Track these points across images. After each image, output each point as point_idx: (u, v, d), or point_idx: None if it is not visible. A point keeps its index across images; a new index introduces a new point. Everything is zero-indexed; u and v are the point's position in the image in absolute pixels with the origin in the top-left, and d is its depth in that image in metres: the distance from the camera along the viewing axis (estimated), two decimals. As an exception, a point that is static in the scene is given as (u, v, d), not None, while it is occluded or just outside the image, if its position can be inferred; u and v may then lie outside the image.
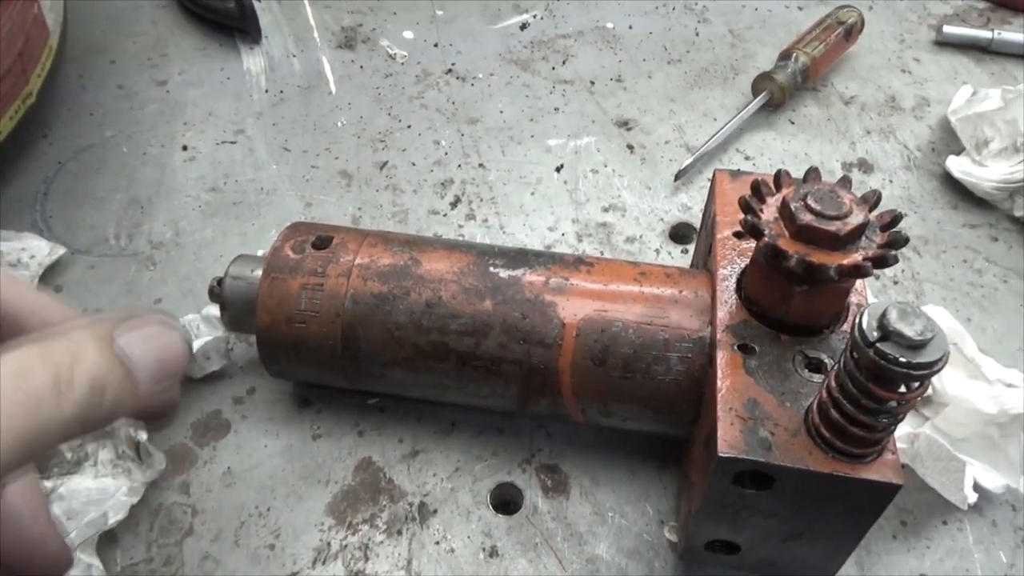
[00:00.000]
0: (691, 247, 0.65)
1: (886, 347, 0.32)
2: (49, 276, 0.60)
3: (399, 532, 0.49)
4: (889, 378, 0.33)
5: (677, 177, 0.69)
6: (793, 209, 0.39)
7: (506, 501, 0.52)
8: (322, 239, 0.50)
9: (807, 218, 0.39)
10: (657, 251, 0.65)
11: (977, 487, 0.49)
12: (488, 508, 0.51)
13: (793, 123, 0.76)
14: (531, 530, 0.50)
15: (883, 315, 0.32)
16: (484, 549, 0.49)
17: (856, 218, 0.39)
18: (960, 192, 0.70)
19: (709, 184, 0.69)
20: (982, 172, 0.69)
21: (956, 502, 0.48)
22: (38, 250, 0.60)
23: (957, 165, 0.70)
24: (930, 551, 0.50)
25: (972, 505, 0.49)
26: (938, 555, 0.50)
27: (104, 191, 0.67)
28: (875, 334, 0.32)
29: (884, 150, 0.74)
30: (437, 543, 0.49)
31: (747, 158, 0.73)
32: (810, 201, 0.39)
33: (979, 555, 0.50)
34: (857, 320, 0.33)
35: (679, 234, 0.67)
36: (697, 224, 0.67)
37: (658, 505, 0.51)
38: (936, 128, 0.76)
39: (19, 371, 0.24)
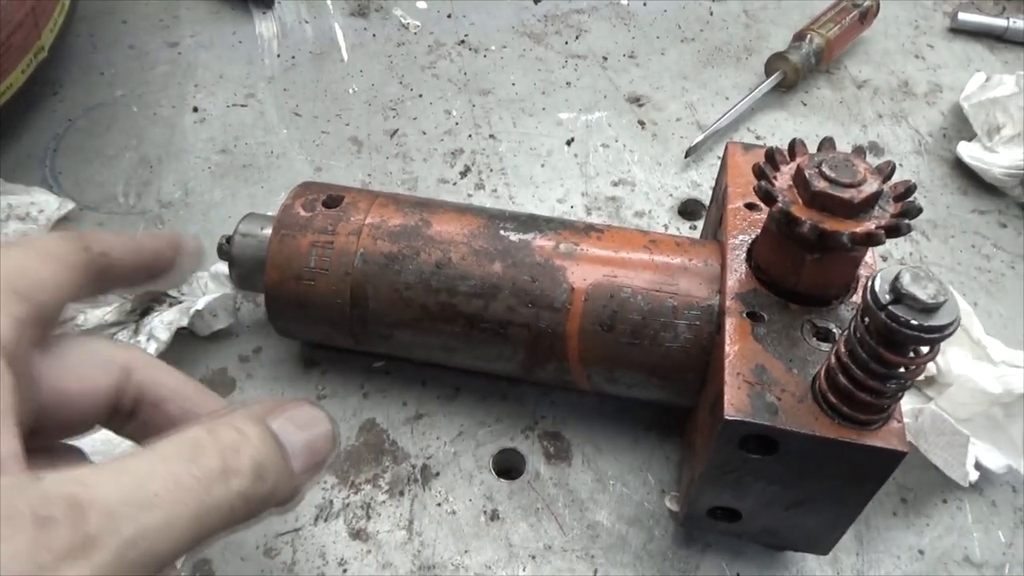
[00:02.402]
0: (699, 223, 0.65)
1: (898, 310, 0.32)
2: (58, 231, 0.60)
3: (401, 493, 0.50)
4: (900, 342, 0.33)
5: (688, 154, 0.69)
6: (808, 176, 0.39)
7: (508, 467, 0.52)
8: (333, 198, 0.50)
9: (821, 185, 0.39)
10: (666, 226, 0.65)
11: (979, 466, 0.49)
12: (490, 472, 0.51)
13: (805, 104, 0.76)
14: (532, 495, 0.50)
15: (896, 278, 0.32)
16: (485, 512, 0.49)
17: (870, 186, 0.39)
18: (970, 178, 0.70)
19: (720, 160, 0.69)
20: (993, 158, 0.69)
21: (957, 479, 0.48)
22: (47, 205, 0.60)
23: (968, 151, 0.70)
24: (929, 528, 0.50)
25: (972, 484, 0.49)
26: (937, 532, 0.50)
27: (114, 149, 0.67)
28: (887, 297, 0.32)
29: (895, 134, 0.74)
30: (439, 504, 0.49)
31: (758, 137, 0.72)
32: (825, 169, 0.39)
33: (978, 534, 0.50)
34: (869, 283, 0.33)
35: (688, 210, 0.67)
36: (706, 201, 0.66)
37: (660, 475, 0.51)
38: (948, 114, 0.76)
39: (191, 454, 0.24)
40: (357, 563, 0.47)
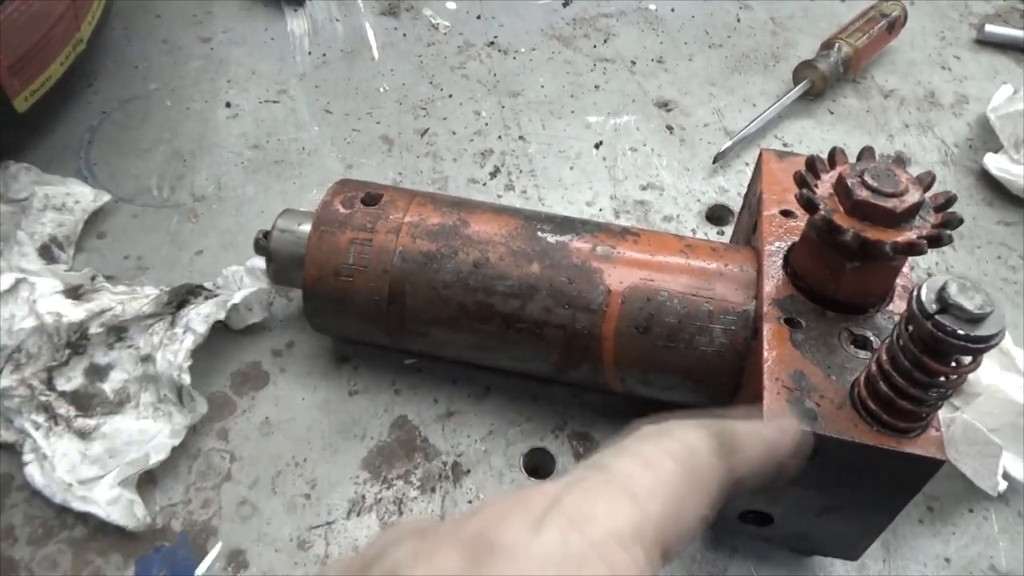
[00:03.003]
0: (727, 229, 0.66)
1: (945, 319, 0.32)
2: (93, 223, 0.61)
3: (433, 489, 0.50)
4: (945, 351, 0.33)
5: (716, 160, 0.70)
6: (850, 185, 0.39)
7: (538, 466, 0.52)
8: (372, 196, 0.50)
9: (864, 194, 0.39)
10: (693, 231, 0.65)
11: (1005, 476, 0.49)
12: (520, 471, 0.51)
13: (832, 113, 0.76)
14: (562, 494, 0.50)
15: (942, 288, 0.33)
16: (516, 510, 0.49)
17: (912, 196, 0.39)
18: (996, 189, 0.71)
19: (748, 167, 0.69)
20: (1020, 170, 0.69)
21: (987, 488, 0.48)
22: (83, 196, 0.61)
23: (994, 162, 0.70)
24: (955, 537, 0.50)
25: (1000, 494, 0.49)
26: (963, 541, 0.50)
27: (147, 143, 0.68)
28: (934, 306, 0.33)
29: (922, 144, 0.74)
30: (469, 501, 0.50)
31: (785, 145, 0.73)
32: (867, 178, 0.39)
33: (1004, 544, 0.50)
34: (916, 292, 0.33)
35: (715, 216, 0.67)
36: (734, 207, 0.67)
37: (688, 477, 0.51)
38: (974, 125, 0.76)
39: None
40: (389, 558, 0.47)
